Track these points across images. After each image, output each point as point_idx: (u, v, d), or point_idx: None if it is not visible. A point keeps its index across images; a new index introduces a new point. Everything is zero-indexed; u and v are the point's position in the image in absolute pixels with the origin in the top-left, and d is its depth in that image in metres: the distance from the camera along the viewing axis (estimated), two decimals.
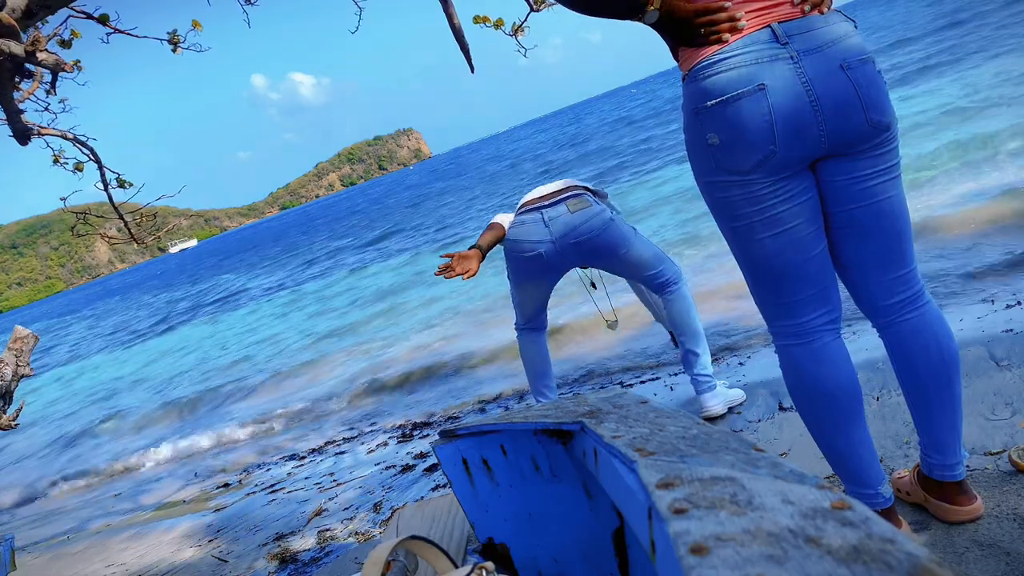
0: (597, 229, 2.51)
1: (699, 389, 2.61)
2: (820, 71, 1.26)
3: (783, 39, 1.26)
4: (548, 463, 0.85)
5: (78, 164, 4.30)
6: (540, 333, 2.88)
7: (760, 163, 1.29)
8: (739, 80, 1.26)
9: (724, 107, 1.28)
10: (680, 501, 0.39)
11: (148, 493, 4.71)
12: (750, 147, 1.28)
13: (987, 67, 9.42)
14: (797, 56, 1.26)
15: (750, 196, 1.33)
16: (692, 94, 1.33)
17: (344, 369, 6.62)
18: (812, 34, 1.27)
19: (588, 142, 26.05)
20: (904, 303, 1.43)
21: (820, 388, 1.43)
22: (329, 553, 2.56)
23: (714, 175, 1.36)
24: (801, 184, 1.33)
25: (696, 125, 1.34)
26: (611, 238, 2.53)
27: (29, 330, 3.40)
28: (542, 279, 2.67)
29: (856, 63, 1.27)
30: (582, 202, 2.52)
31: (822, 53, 1.26)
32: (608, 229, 2.52)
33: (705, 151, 1.34)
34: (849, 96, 1.27)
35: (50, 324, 36.49)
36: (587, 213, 2.51)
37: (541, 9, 3.79)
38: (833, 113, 1.27)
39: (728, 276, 4.95)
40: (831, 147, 1.31)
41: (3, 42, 2.77)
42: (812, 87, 1.25)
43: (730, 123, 1.28)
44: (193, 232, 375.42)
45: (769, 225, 1.35)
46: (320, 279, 15.38)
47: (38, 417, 9.88)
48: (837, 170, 1.35)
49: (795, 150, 1.29)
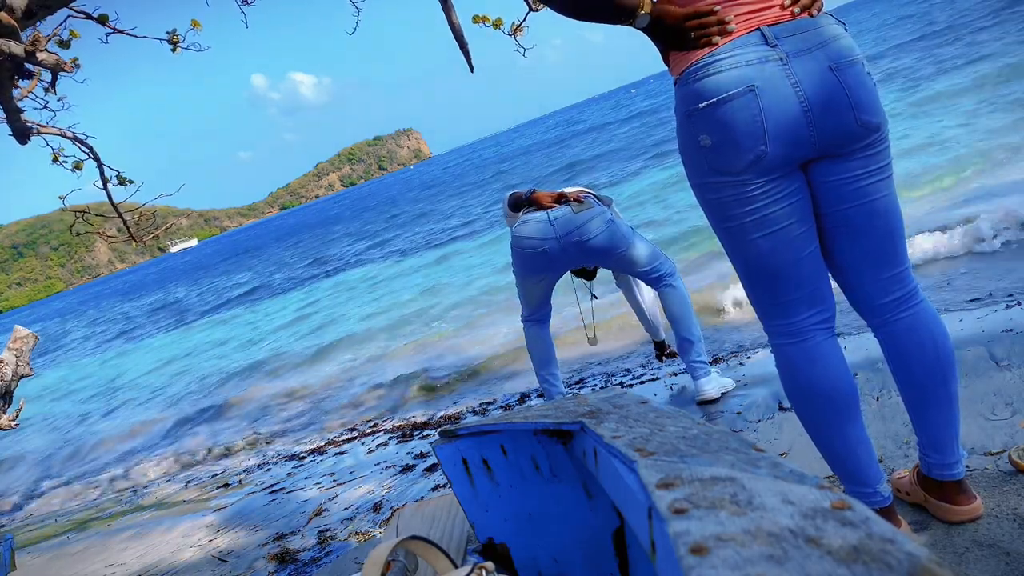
0: (598, 229, 2.67)
1: (695, 375, 2.80)
2: (809, 72, 1.27)
3: (772, 41, 1.28)
4: (548, 463, 0.85)
5: (77, 162, 4.29)
6: (544, 324, 3.08)
7: (751, 164, 1.30)
8: (729, 82, 1.27)
9: (715, 109, 1.29)
10: (680, 501, 0.39)
11: (148, 493, 4.71)
12: (741, 148, 1.29)
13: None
14: (786, 58, 1.27)
15: (742, 197, 1.34)
16: (684, 97, 1.34)
17: (345, 369, 6.63)
18: (801, 36, 1.29)
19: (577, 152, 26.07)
20: (899, 301, 1.43)
21: (814, 388, 1.43)
22: (329, 553, 2.56)
23: (706, 176, 1.37)
24: (792, 185, 1.35)
25: (688, 127, 1.35)
26: (611, 237, 2.69)
27: (29, 330, 3.41)
28: (545, 274, 2.84)
29: (845, 64, 1.29)
30: (585, 204, 2.69)
31: (811, 55, 1.28)
32: (609, 229, 2.68)
33: (697, 153, 1.36)
34: (838, 97, 1.28)
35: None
36: (590, 214, 2.67)
37: (540, 9, 3.79)
38: (823, 114, 1.28)
39: (726, 275, 4.95)
40: (822, 148, 1.32)
41: (3, 42, 2.77)
42: (801, 88, 1.27)
43: (721, 125, 1.29)
44: (193, 232, 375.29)
45: (761, 225, 1.36)
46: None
47: (38, 417, 9.88)
48: (829, 171, 1.36)
49: (786, 151, 1.30)
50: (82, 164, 4.30)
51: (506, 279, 7.68)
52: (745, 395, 2.71)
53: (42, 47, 3.02)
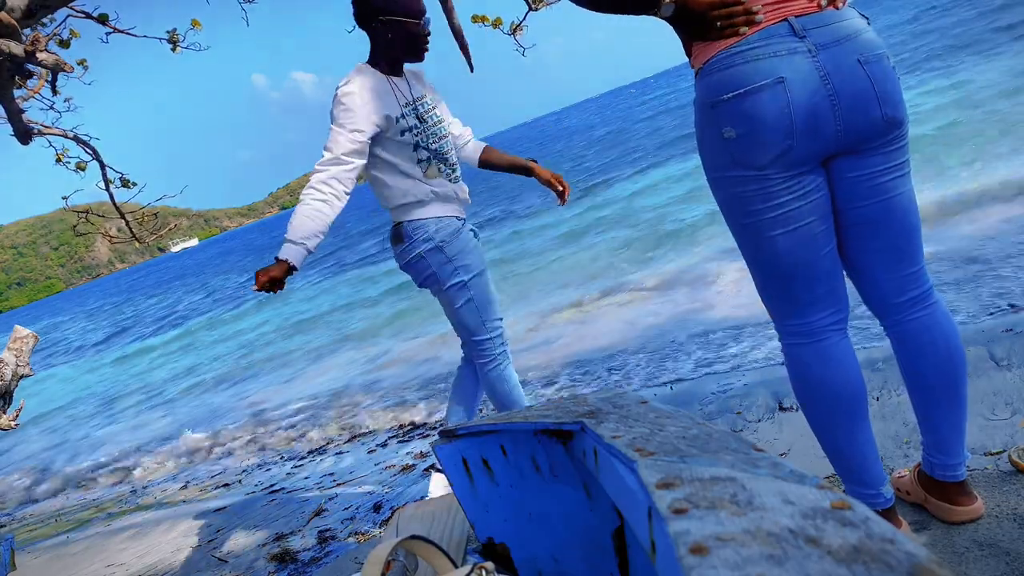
0: (405, 267, 2.22)
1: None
2: (838, 65, 1.25)
3: (801, 33, 1.25)
4: (548, 463, 0.85)
5: (80, 163, 4.30)
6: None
7: (777, 158, 1.27)
8: (758, 73, 1.24)
9: (742, 100, 1.26)
10: (680, 501, 0.39)
11: (148, 493, 4.71)
12: (768, 141, 1.26)
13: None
14: (815, 50, 1.25)
15: (764, 192, 1.31)
16: (708, 87, 1.31)
17: (345, 368, 6.63)
18: (829, 28, 1.26)
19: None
20: (914, 301, 1.41)
21: (826, 388, 1.41)
22: (329, 553, 2.56)
23: (728, 170, 1.33)
24: (814, 181, 1.32)
25: (711, 118, 1.32)
26: (416, 276, 2.21)
27: (29, 330, 3.41)
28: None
29: (873, 58, 1.27)
30: (397, 237, 2.19)
31: (840, 47, 1.25)
32: (411, 267, 2.19)
33: (720, 145, 1.32)
34: (866, 91, 1.26)
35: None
36: (398, 248, 2.20)
37: (539, 8, 3.79)
38: (850, 108, 1.26)
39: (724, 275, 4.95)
40: (846, 143, 1.30)
41: (3, 42, 2.77)
42: (830, 81, 1.24)
43: (748, 116, 1.26)
44: (193, 232, 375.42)
45: (782, 222, 1.33)
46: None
47: (38, 417, 9.88)
48: (850, 167, 1.34)
49: (812, 145, 1.28)
50: (85, 165, 4.30)
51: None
52: (745, 395, 2.71)
53: (42, 47, 3.02)
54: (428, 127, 2.15)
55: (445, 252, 2.14)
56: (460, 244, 2.17)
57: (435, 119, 2.19)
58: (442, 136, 2.21)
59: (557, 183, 2.35)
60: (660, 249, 7.00)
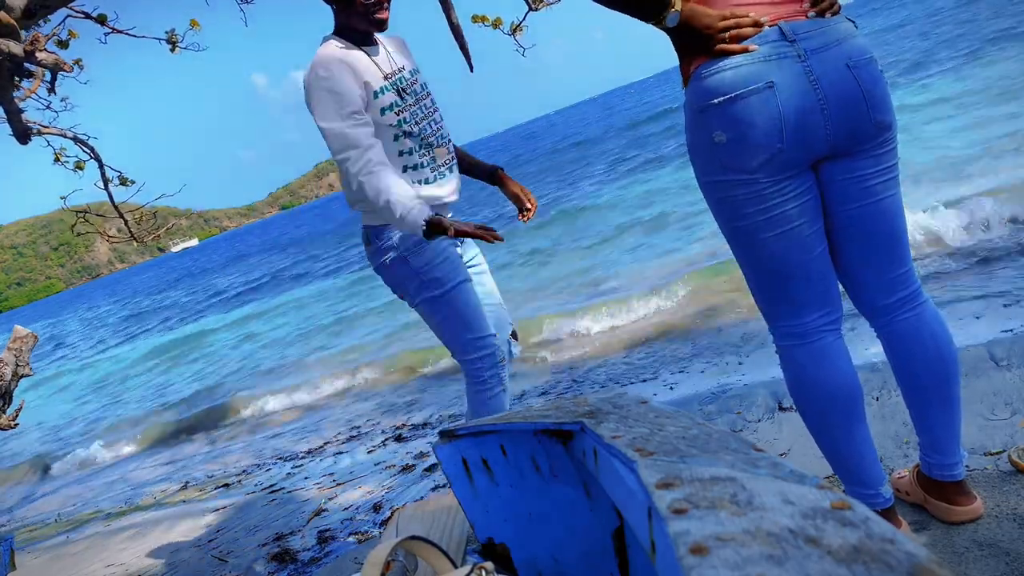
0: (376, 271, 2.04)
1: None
2: (827, 70, 1.26)
3: (791, 37, 1.26)
4: (548, 463, 0.85)
5: (79, 163, 4.30)
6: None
7: (767, 161, 1.28)
8: (748, 77, 1.25)
9: (732, 104, 1.26)
10: (680, 501, 0.39)
11: (147, 494, 4.71)
12: (758, 145, 1.27)
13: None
14: (804, 55, 1.26)
15: (754, 195, 1.32)
16: (698, 91, 1.31)
17: (345, 368, 6.62)
18: (818, 33, 1.27)
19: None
20: (903, 301, 1.43)
21: (821, 388, 1.42)
22: (329, 553, 2.56)
23: (718, 174, 1.34)
24: (804, 184, 1.33)
25: (701, 123, 1.32)
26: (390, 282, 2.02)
27: (29, 330, 3.40)
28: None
29: (862, 62, 1.28)
30: (365, 239, 2.00)
31: (828, 52, 1.26)
32: (380, 273, 2.01)
33: (710, 149, 1.33)
34: (855, 95, 1.27)
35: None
36: (367, 251, 2.01)
37: (540, 8, 3.79)
38: (840, 112, 1.27)
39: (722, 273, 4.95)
40: (835, 147, 1.31)
41: (3, 42, 2.77)
42: (820, 85, 1.25)
43: (738, 120, 1.27)
44: (193, 232, 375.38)
45: (773, 225, 1.34)
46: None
47: (39, 417, 9.88)
48: (839, 170, 1.35)
49: (801, 149, 1.29)
50: (83, 164, 4.30)
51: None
52: (745, 395, 2.71)
53: (41, 47, 3.02)
54: (410, 103, 1.85)
55: (411, 264, 1.89)
56: (428, 255, 1.89)
57: (419, 93, 1.89)
58: (429, 112, 1.90)
59: (525, 198, 2.07)
60: (660, 248, 7.01)
